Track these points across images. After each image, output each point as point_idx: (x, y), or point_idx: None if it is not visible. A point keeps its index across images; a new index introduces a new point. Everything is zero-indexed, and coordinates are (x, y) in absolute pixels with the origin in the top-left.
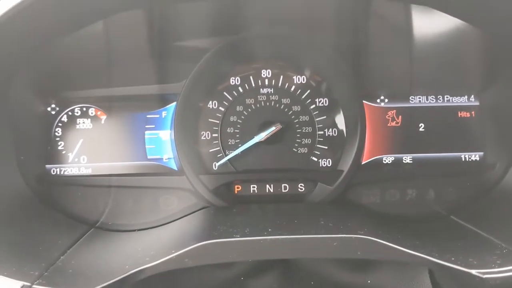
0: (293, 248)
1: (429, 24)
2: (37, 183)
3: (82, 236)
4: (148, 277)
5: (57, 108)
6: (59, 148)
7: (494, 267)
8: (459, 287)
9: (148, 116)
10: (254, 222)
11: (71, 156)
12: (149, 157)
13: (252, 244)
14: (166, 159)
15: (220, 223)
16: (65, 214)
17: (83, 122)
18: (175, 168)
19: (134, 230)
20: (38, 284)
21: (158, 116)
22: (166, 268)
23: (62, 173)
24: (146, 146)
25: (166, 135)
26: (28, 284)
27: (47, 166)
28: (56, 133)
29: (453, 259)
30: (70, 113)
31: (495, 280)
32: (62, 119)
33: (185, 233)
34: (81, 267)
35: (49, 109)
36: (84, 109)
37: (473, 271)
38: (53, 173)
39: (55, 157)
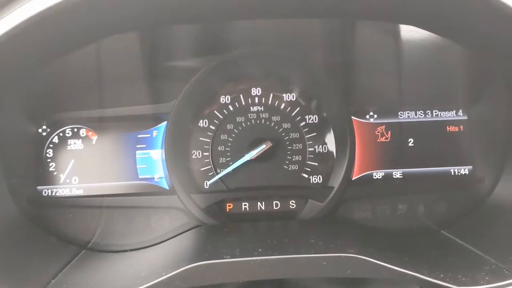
0: (283, 268)
1: (416, 41)
2: (28, 205)
3: (73, 258)
4: None
5: (48, 130)
6: (51, 169)
7: (482, 284)
8: None
9: (139, 136)
10: (244, 242)
11: (62, 177)
12: (140, 176)
13: (242, 265)
14: (157, 178)
15: (211, 244)
16: (56, 235)
17: (74, 143)
18: (166, 187)
19: (126, 251)
20: None
21: (149, 135)
22: None
23: (53, 194)
24: (138, 166)
25: (157, 154)
26: None
27: (39, 187)
28: (48, 154)
29: (442, 276)
30: (61, 134)
31: None
32: (53, 140)
33: (176, 254)
34: None
35: (40, 130)
36: (75, 130)
37: None
38: (44, 194)
39: (47, 178)
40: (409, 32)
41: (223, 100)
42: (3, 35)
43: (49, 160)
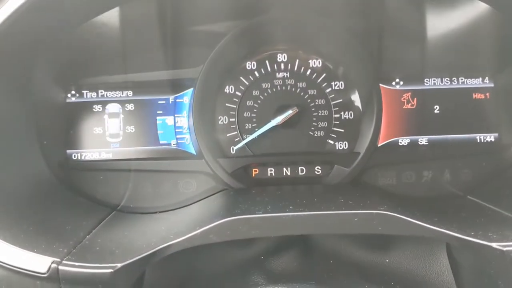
0: (315, 224)
1: (444, 8)
2: (59, 168)
3: (104, 218)
4: (169, 257)
5: (77, 95)
6: (79, 133)
7: None
8: (479, 262)
9: (164, 102)
10: (274, 201)
11: (91, 141)
12: (166, 142)
13: (275, 220)
14: (186, 142)
15: (241, 203)
16: (87, 198)
17: (101, 108)
18: (193, 152)
19: (155, 212)
20: (68, 260)
21: (176, 101)
22: (191, 244)
23: (82, 158)
24: (163, 132)
25: (184, 120)
26: (58, 259)
27: (68, 151)
28: (75, 119)
29: (472, 233)
30: (88, 99)
31: None
32: (81, 105)
33: (208, 212)
34: (108, 245)
35: (69, 95)
36: (102, 95)
37: (494, 244)
38: (74, 158)
39: (75, 142)
40: None
41: (249, 66)
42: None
43: (77, 124)
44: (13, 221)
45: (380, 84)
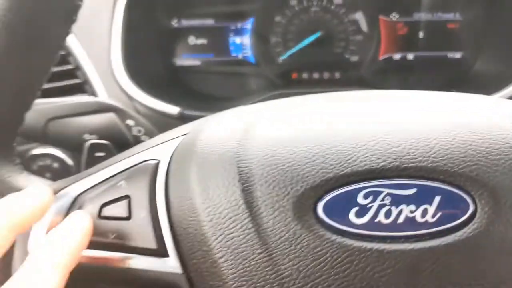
0: None
1: None
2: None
3: None
4: None
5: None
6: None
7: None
8: None
9: (234, 27)
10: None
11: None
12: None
13: None
14: (248, 55)
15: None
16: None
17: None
18: (253, 61)
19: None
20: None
21: (242, 27)
22: None
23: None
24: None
25: (246, 39)
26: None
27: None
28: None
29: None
30: (188, 25)
31: None
32: (183, 31)
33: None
34: None
35: (172, 23)
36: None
37: None
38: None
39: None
40: None
41: None
42: None
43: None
44: None
45: (380, 16)
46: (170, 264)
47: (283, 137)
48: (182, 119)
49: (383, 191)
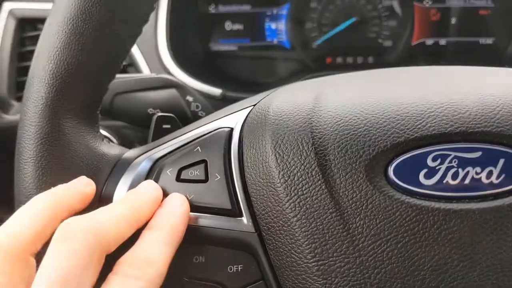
0: None
1: None
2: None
3: None
4: None
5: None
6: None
7: None
8: None
9: (270, 13)
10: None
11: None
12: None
13: None
14: (283, 40)
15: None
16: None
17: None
18: (288, 46)
19: None
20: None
21: (278, 12)
22: None
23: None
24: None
25: (281, 24)
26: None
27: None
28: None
29: None
30: (223, 9)
31: None
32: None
33: None
34: None
35: (210, 8)
36: (234, 10)
37: None
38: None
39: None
40: None
41: None
42: None
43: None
44: None
45: (414, 2)
46: (244, 224)
47: (355, 104)
48: (224, 101)
49: (450, 154)
